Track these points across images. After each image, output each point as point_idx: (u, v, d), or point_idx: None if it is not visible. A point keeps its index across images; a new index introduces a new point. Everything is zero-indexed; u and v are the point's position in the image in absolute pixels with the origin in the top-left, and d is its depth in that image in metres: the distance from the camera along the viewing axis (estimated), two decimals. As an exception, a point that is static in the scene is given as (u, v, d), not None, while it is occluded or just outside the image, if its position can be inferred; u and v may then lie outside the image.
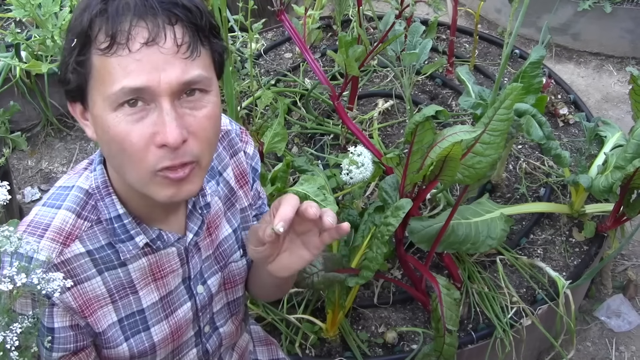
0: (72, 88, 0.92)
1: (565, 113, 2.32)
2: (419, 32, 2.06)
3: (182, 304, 1.12)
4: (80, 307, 1.00)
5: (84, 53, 0.88)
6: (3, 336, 0.81)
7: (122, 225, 1.01)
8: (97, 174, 1.01)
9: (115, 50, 0.85)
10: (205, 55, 0.91)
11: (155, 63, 0.85)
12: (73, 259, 0.99)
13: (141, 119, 0.87)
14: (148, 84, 0.85)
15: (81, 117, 0.96)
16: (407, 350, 1.68)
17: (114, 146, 0.89)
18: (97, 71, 0.87)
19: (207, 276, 1.15)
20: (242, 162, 1.20)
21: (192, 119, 0.90)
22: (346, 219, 1.66)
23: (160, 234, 1.04)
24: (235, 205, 1.19)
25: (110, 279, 1.03)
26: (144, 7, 0.85)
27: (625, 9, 3.19)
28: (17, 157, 2.76)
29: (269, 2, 1.81)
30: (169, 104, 0.87)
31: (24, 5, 1.68)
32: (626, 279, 2.26)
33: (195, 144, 0.90)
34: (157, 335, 1.09)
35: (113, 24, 0.85)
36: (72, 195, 1.01)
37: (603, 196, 1.74)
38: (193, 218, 1.09)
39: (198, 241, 1.11)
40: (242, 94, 2.26)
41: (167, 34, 0.86)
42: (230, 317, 1.24)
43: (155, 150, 0.88)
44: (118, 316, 1.05)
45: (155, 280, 1.07)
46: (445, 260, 1.74)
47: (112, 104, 0.87)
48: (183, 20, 0.87)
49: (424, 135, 1.34)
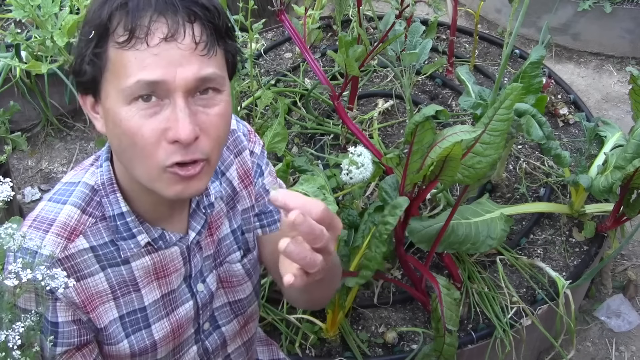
0: (86, 80, 0.92)
1: (565, 113, 2.32)
2: (419, 32, 2.06)
3: (183, 302, 1.13)
4: (83, 302, 1.01)
5: (101, 45, 0.89)
6: (5, 335, 0.81)
7: (124, 223, 1.01)
8: (103, 170, 1.02)
9: (134, 44, 0.86)
10: (220, 55, 0.93)
11: (172, 58, 0.86)
12: (77, 254, 1.00)
13: (154, 114, 0.88)
14: (164, 78, 0.86)
15: (91, 109, 0.97)
16: (407, 350, 1.68)
17: (125, 140, 0.90)
18: (113, 64, 0.88)
19: (207, 275, 1.15)
20: (246, 161, 1.19)
21: (205, 116, 0.91)
22: (346, 219, 1.66)
23: (162, 233, 1.05)
24: (237, 206, 1.19)
25: (113, 276, 1.03)
26: (165, 4, 0.86)
27: (625, 9, 3.19)
28: (17, 157, 2.76)
29: (269, 2, 1.81)
30: (183, 100, 0.87)
31: (23, 6, 1.68)
32: (626, 279, 2.26)
33: (206, 142, 0.91)
34: (157, 333, 1.10)
35: (133, 18, 0.85)
36: (77, 191, 1.01)
37: (603, 196, 1.74)
38: (196, 217, 1.09)
39: (200, 240, 1.11)
40: (242, 94, 2.26)
41: (186, 31, 0.87)
42: (234, 317, 1.24)
43: (166, 145, 0.88)
44: (119, 312, 1.06)
45: (157, 279, 1.08)
46: (445, 260, 1.74)
47: (126, 97, 0.87)
48: (202, 18, 0.88)
49: (424, 135, 1.34)
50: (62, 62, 1.85)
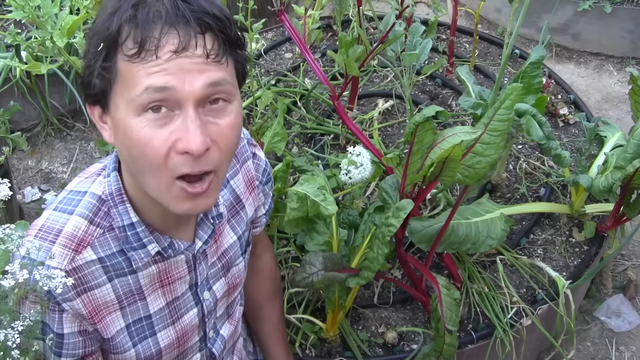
0: (95, 92, 0.91)
1: (565, 113, 2.32)
2: (419, 32, 2.06)
3: (188, 310, 1.13)
4: (90, 314, 1.00)
5: (110, 58, 0.87)
6: (4, 334, 0.81)
7: (135, 233, 1.00)
8: (111, 180, 1.00)
9: (144, 57, 0.84)
10: (231, 65, 0.91)
11: (182, 67, 0.85)
12: (84, 265, 0.98)
13: (164, 125, 0.86)
14: (173, 84, 0.84)
15: (99, 120, 0.95)
16: (407, 350, 1.68)
17: (135, 151, 0.88)
18: (122, 76, 0.86)
19: (213, 282, 1.15)
20: (250, 169, 1.20)
21: (215, 127, 0.89)
22: (346, 219, 1.66)
23: (171, 242, 1.04)
24: (240, 213, 1.19)
25: (120, 286, 1.02)
26: (176, 16, 0.84)
27: (625, 9, 3.19)
28: (17, 157, 2.76)
29: (269, 2, 1.80)
30: (194, 111, 0.86)
31: (23, 6, 1.68)
32: (626, 279, 2.26)
33: (216, 153, 0.90)
34: (163, 341, 1.09)
35: (143, 31, 0.84)
36: (84, 201, 1.00)
37: (603, 196, 1.74)
38: (204, 227, 1.09)
39: (206, 249, 1.11)
40: (242, 94, 2.26)
41: (198, 42, 0.85)
42: (227, 318, 1.25)
43: (175, 157, 0.87)
44: (126, 322, 1.05)
45: (162, 287, 1.07)
46: (445, 260, 1.74)
47: (136, 108, 0.86)
48: (214, 29, 0.87)
49: (424, 135, 1.34)
50: (62, 62, 1.85)
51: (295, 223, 1.61)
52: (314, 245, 1.60)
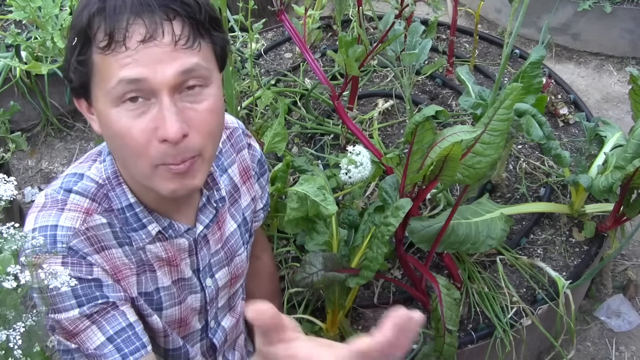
0: (75, 86, 0.92)
1: (565, 113, 2.32)
2: (419, 32, 2.06)
3: (192, 292, 1.13)
4: (113, 270, 1.00)
5: (84, 52, 0.89)
6: (7, 334, 0.81)
7: (134, 214, 1.01)
8: (107, 164, 1.02)
9: (114, 48, 0.85)
10: (206, 48, 0.91)
11: (153, 57, 0.85)
12: (96, 227, 0.99)
13: (142, 114, 0.88)
14: (145, 76, 0.85)
15: (87, 112, 0.97)
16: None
17: (116, 141, 0.90)
18: (98, 69, 0.88)
19: (216, 270, 1.16)
20: (245, 158, 1.21)
21: (193, 112, 0.90)
22: (346, 219, 1.66)
23: (171, 222, 1.05)
24: (239, 202, 1.20)
25: (131, 253, 1.03)
26: (141, 5, 0.85)
27: (625, 9, 3.19)
28: (17, 157, 2.76)
29: (269, 2, 1.80)
30: (169, 98, 0.87)
31: (24, 7, 1.68)
32: (626, 279, 2.26)
33: (197, 138, 0.90)
34: (167, 318, 1.10)
35: (111, 22, 0.85)
36: (82, 183, 1.01)
37: (603, 196, 1.74)
38: (205, 211, 1.10)
39: (207, 234, 1.12)
40: (242, 94, 2.26)
41: (165, 30, 0.86)
42: (228, 310, 1.25)
43: (157, 144, 0.88)
44: (139, 290, 1.05)
45: (169, 265, 1.08)
46: (445, 260, 1.74)
47: (113, 100, 0.87)
48: (181, 15, 0.87)
49: (424, 135, 1.34)
50: (62, 62, 1.85)
51: (295, 223, 1.61)
52: (314, 245, 1.60)
